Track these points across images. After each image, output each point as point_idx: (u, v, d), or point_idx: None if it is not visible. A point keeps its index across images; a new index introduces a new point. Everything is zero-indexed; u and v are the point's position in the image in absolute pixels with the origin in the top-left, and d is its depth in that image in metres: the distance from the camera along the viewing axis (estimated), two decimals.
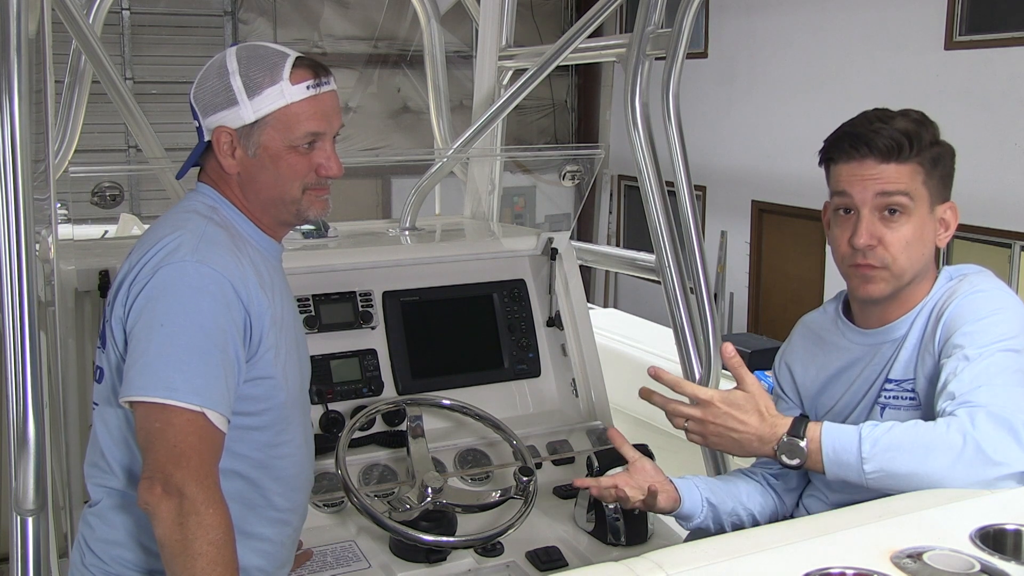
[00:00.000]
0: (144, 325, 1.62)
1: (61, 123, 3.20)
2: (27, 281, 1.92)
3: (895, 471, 1.60)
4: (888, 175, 1.75)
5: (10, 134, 1.88)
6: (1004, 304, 1.74)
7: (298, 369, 1.86)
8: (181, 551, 1.54)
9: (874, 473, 1.61)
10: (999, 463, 1.55)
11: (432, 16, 3.83)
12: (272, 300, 1.75)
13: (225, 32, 10.11)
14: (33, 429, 1.95)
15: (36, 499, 1.98)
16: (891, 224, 1.76)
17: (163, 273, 1.64)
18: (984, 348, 1.67)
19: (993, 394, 1.61)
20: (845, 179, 1.78)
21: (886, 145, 1.74)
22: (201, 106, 1.76)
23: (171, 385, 1.58)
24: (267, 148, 1.75)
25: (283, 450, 1.82)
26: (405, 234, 3.33)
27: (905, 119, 1.78)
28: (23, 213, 1.91)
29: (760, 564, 1.37)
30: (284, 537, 1.87)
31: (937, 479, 1.57)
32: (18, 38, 1.88)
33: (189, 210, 1.77)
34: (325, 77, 1.77)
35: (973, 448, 1.55)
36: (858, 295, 1.85)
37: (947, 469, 1.56)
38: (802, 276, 8.97)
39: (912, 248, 1.77)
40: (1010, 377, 1.64)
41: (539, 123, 11.67)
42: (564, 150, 5.44)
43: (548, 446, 2.74)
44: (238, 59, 1.74)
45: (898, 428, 1.63)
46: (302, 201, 1.80)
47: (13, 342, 1.91)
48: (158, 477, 1.56)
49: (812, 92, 8.38)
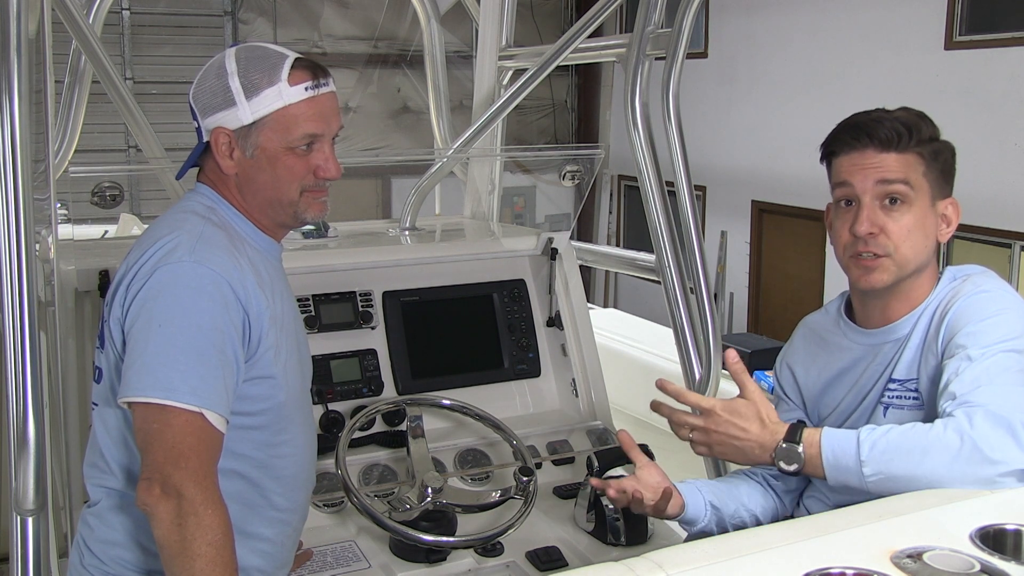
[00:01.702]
0: (142, 326, 1.62)
1: (61, 123, 3.20)
2: (27, 281, 1.92)
3: (894, 474, 1.60)
4: (888, 164, 1.76)
5: (10, 134, 1.87)
6: (1008, 305, 1.74)
7: (299, 369, 1.86)
8: (180, 552, 1.54)
9: (874, 476, 1.61)
10: (997, 462, 1.55)
11: (432, 16, 3.83)
12: (272, 300, 1.75)
13: (225, 32, 10.12)
14: (33, 429, 1.95)
15: (36, 499, 1.98)
16: (892, 213, 1.77)
17: (161, 273, 1.63)
18: (986, 348, 1.67)
19: (993, 394, 1.61)
20: (847, 169, 1.79)
21: (886, 134, 1.76)
22: (200, 107, 1.76)
23: (169, 386, 1.57)
24: (265, 149, 1.74)
25: (283, 450, 1.81)
26: (405, 234, 3.33)
27: (905, 112, 1.81)
28: (23, 213, 1.91)
29: (760, 564, 1.37)
30: (284, 537, 1.87)
31: (936, 480, 1.57)
32: (18, 38, 1.88)
33: (187, 210, 1.77)
34: (324, 78, 1.77)
35: (970, 447, 1.55)
36: (860, 286, 1.84)
37: (945, 469, 1.57)
38: (802, 276, 8.97)
39: (914, 237, 1.78)
40: (1012, 377, 1.65)
41: (539, 123, 11.67)
42: (564, 150, 5.44)
43: (548, 446, 2.74)
44: (237, 60, 1.74)
45: (896, 431, 1.63)
46: (300, 203, 1.79)
47: (13, 342, 1.91)
48: (156, 478, 1.56)
49: (812, 92, 8.38)
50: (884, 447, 1.61)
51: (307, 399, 1.94)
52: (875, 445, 1.62)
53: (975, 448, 1.55)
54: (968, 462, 1.55)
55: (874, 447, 1.62)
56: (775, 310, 9.47)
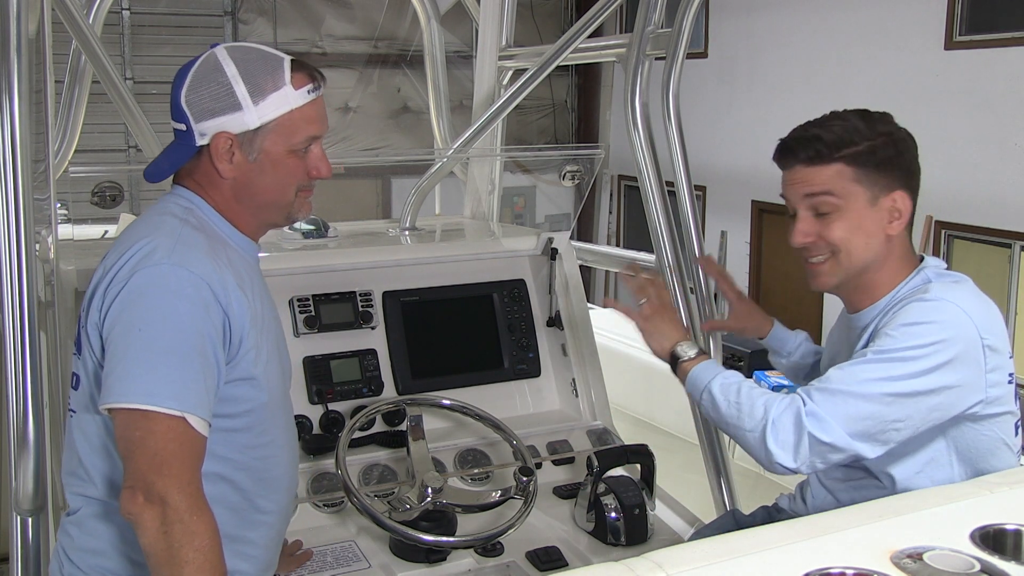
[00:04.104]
0: (121, 330, 1.60)
1: (61, 123, 3.20)
2: (27, 281, 1.92)
3: (716, 420, 1.87)
4: (811, 178, 1.85)
5: (10, 134, 1.88)
6: (941, 318, 1.75)
7: (279, 369, 1.84)
8: (168, 560, 1.53)
9: (703, 408, 1.90)
10: (770, 452, 1.73)
11: (432, 16, 3.83)
12: (252, 300, 1.73)
13: (225, 32, 10.11)
14: (33, 429, 1.95)
15: (36, 499, 1.98)
16: (824, 222, 1.85)
17: (139, 277, 1.61)
18: (881, 354, 1.73)
19: (832, 401, 1.71)
20: (783, 185, 1.92)
21: (807, 153, 1.85)
22: (196, 110, 1.72)
23: (150, 391, 1.55)
24: (268, 153, 1.73)
25: (266, 451, 1.79)
26: (405, 234, 3.33)
27: (837, 120, 1.86)
28: (23, 213, 1.91)
29: (760, 564, 1.37)
30: (268, 540, 1.85)
31: (736, 440, 1.82)
32: (18, 38, 1.88)
33: (164, 212, 1.74)
34: (321, 80, 1.78)
35: (761, 430, 1.74)
36: (812, 287, 1.97)
37: (737, 431, 1.80)
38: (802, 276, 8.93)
39: (853, 240, 1.84)
40: (871, 388, 1.70)
41: (539, 123, 11.67)
42: (564, 150, 5.44)
43: (548, 446, 2.74)
44: (234, 62, 1.72)
45: (743, 387, 1.82)
46: (294, 203, 1.80)
47: (13, 342, 1.91)
48: (140, 486, 1.54)
49: (812, 92, 8.37)
50: (719, 396, 1.83)
51: (288, 400, 1.92)
52: (715, 395, 1.85)
53: (763, 433, 1.73)
54: (753, 443, 1.76)
55: (712, 395, 1.85)
56: (775, 310, 9.34)
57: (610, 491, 2.41)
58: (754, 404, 1.78)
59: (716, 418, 1.86)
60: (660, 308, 2.09)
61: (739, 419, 1.78)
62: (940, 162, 6.91)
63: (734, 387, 1.83)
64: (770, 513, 2.17)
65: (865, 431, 1.70)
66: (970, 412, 1.76)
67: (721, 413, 1.83)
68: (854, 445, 1.70)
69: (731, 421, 1.81)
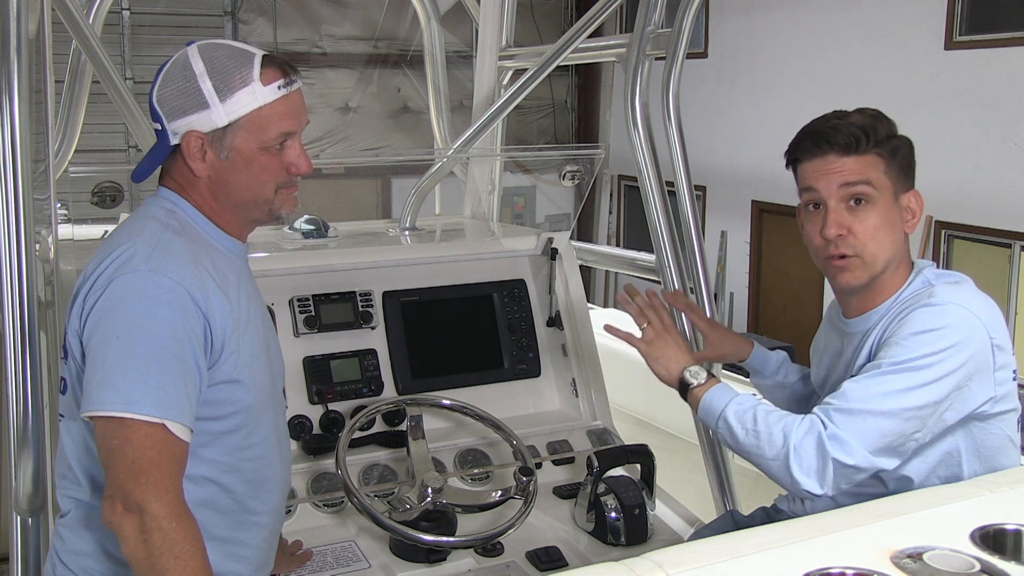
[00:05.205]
0: (100, 338, 1.59)
1: (61, 123, 3.20)
2: (27, 281, 1.93)
3: (734, 447, 1.84)
4: (849, 167, 1.83)
5: (10, 134, 1.88)
6: (950, 322, 1.74)
7: (267, 369, 1.82)
8: (148, 568, 1.52)
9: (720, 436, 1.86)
10: (797, 481, 1.70)
11: (432, 16, 3.83)
12: (237, 302, 1.72)
13: (225, 32, 10.10)
14: (33, 429, 1.95)
15: (36, 499, 1.98)
16: (858, 213, 1.83)
17: (117, 284, 1.60)
18: (896, 365, 1.72)
19: (852, 419, 1.70)
20: (811, 175, 1.86)
21: (845, 139, 1.82)
22: (167, 109, 1.70)
23: (129, 398, 1.55)
24: (240, 151, 1.71)
25: (255, 452, 1.78)
26: (405, 234, 3.33)
27: (861, 115, 1.86)
28: (23, 213, 1.92)
29: (760, 564, 1.37)
30: (260, 540, 1.84)
31: (759, 467, 1.78)
32: (18, 38, 1.89)
33: (147, 216, 1.73)
34: (294, 75, 1.75)
35: (784, 460, 1.72)
36: (836, 286, 1.93)
37: (759, 460, 1.77)
38: (802, 276, 8.96)
39: (881, 235, 1.83)
40: (888, 402, 1.70)
41: (539, 123, 11.66)
42: (564, 150, 5.44)
43: (548, 446, 2.74)
44: (204, 59, 1.70)
45: (759, 411, 1.79)
46: (275, 200, 1.78)
47: (13, 342, 1.91)
48: (118, 495, 1.54)
49: (812, 92, 8.37)
50: (735, 424, 1.80)
51: (278, 399, 1.90)
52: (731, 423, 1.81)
53: (786, 461, 1.71)
54: (777, 470, 1.73)
55: (729, 424, 1.81)
56: (775, 310, 9.47)
57: (610, 491, 2.41)
58: (772, 430, 1.74)
59: (735, 446, 1.82)
60: (662, 331, 2.03)
61: (759, 447, 1.75)
62: (940, 162, 6.91)
63: (750, 413, 1.79)
64: (769, 514, 2.17)
65: (887, 446, 1.70)
66: (979, 411, 1.76)
67: (740, 442, 1.79)
68: (876, 462, 1.70)
69: (751, 450, 1.77)
